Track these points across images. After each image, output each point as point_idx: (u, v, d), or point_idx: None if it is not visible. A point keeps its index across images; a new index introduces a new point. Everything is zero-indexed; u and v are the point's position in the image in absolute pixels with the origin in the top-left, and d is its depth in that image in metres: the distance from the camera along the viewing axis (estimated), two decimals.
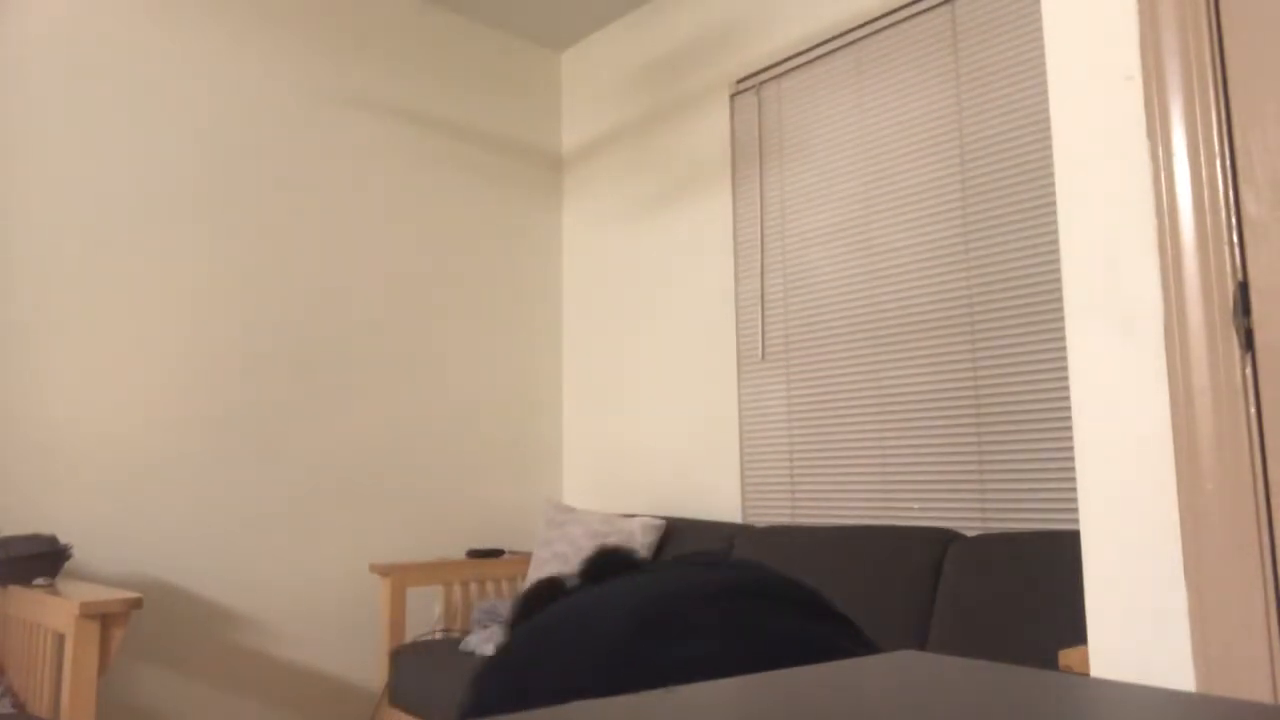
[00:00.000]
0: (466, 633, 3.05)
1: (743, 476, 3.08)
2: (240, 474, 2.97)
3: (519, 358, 3.75)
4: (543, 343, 3.83)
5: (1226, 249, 1.19)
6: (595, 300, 3.78)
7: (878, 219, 2.78)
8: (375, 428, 3.29)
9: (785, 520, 2.92)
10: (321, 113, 3.30)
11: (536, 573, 3.09)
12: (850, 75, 2.91)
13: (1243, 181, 1.19)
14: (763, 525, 2.87)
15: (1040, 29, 2.45)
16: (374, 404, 3.30)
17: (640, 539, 2.98)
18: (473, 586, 3.22)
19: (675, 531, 3.06)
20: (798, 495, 2.90)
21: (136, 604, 2.01)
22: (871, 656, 0.50)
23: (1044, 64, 2.42)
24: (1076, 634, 1.87)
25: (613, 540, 1.75)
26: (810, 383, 2.90)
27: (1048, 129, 2.41)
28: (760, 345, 3.07)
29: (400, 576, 3.00)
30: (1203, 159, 1.22)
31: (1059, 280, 2.35)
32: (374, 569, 3.04)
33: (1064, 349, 2.32)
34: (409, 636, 3.23)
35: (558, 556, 3.07)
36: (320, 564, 3.10)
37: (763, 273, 3.09)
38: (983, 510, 2.45)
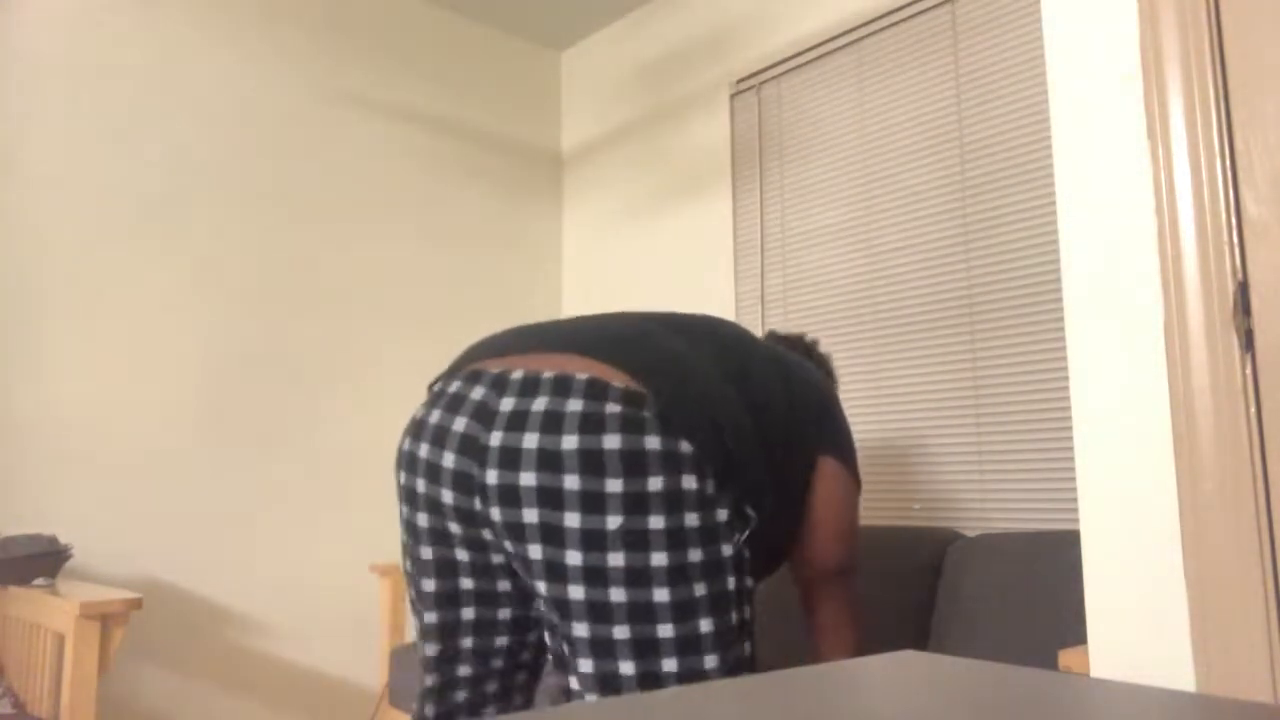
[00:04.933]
0: None
1: None
2: (240, 474, 2.97)
3: None
4: None
5: (1226, 249, 1.19)
6: (595, 300, 3.78)
7: (878, 219, 2.77)
8: (376, 427, 3.29)
9: None
10: (321, 112, 3.30)
11: None
12: (850, 75, 2.91)
13: (1243, 181, 1.19)
14: None
15: (1040, 28, 2.45)
16: (375, 403, 3.30)
17: None
18: None
19: None
20: None
21: (136, 604, 2.01)
22: (872, 657, 0.50)
23: (1044, 64, 2.42)
24: (1076, 634, 1.87)
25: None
26: None
27: (1048, 129, 2.41)
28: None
29: (400, 576, 2.99)
30: (1203, 159, 1.22)
31: (1059, 280, 2.35)
32: (374, 569, 3.04)
33: (1064, 348, 2.32)
34: (409, 636, 3.23)
35: None
36: (320, 564, 3.10)
37: (763, 273, 3.09)
38: (983, 510, 2.45)
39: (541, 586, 1.20)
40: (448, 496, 1.26)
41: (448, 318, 3.55)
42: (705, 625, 1.19)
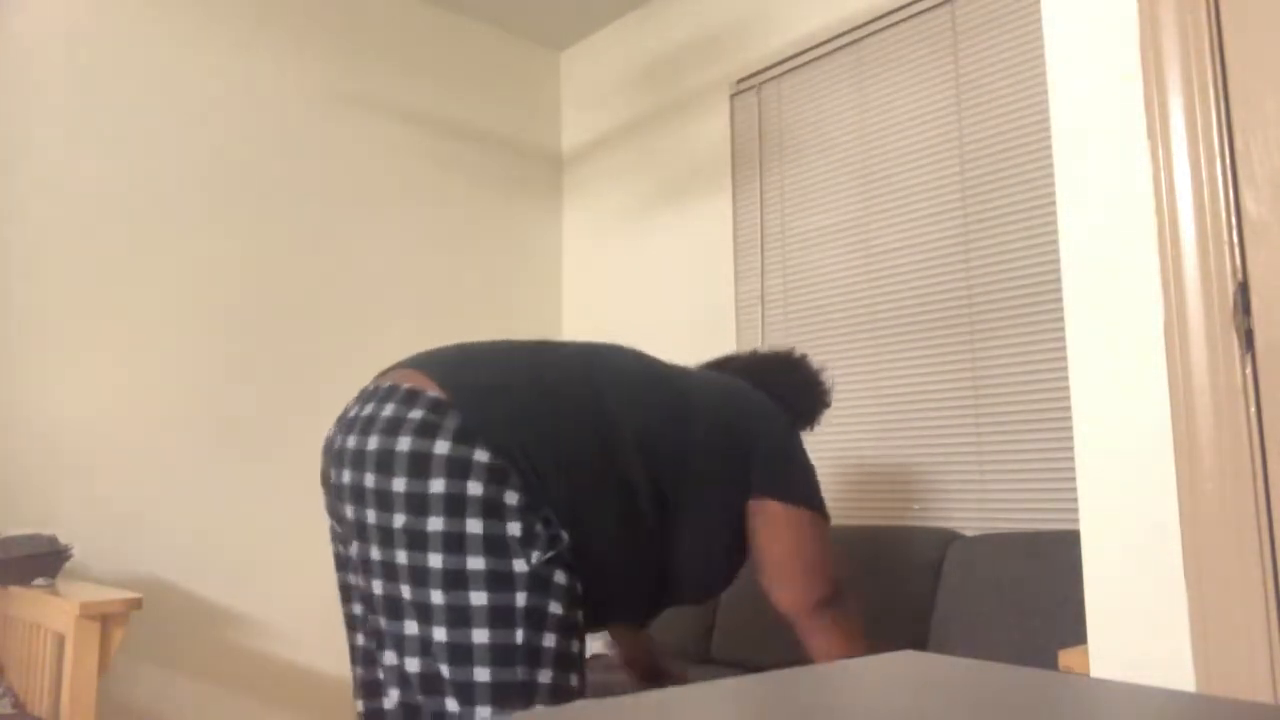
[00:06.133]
0: None
1: None
2: (240, 474, 2.97)
3: None
4: None
5: (1226, 249, 1.19)
6: (595, 300, 3.78)
7: (877, 219, 2.77)
8: None
9: None
10: (320, 113, 3.30)
11: None
12: (850, 75, 2.91)
13: (1243, 181, 1.19)
14: None
15: (1040, 29, 2.45)
16: None
17: None
18: None
19: None
20: None
21: (136, 604, 2.01)
22: (872, 657, 0.50)
23: (1044, 64, 2.42)
24: (1076, 634, 1.87)
25: None
26: None
27: (1048, 129, 2.41)
28: (760, 346, 3.06)
29: None
30: (1203, 159, 1.22)
31: (1059, 280, 2.35)
32: None
33: (1064, 349, 2.32)
34: None
35: None
36: (320, 564, 3.10)
37: (763, 273, 3.09)
38: (983, 510, 2.45)
39: (361, 580, 1.26)
40: (325, 501, 1.40)
41: (447, 318, 3.55)
42: (479, 636, 1.18)
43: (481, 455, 1.23)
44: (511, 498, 1.23)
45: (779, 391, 1.71)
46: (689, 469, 1.39)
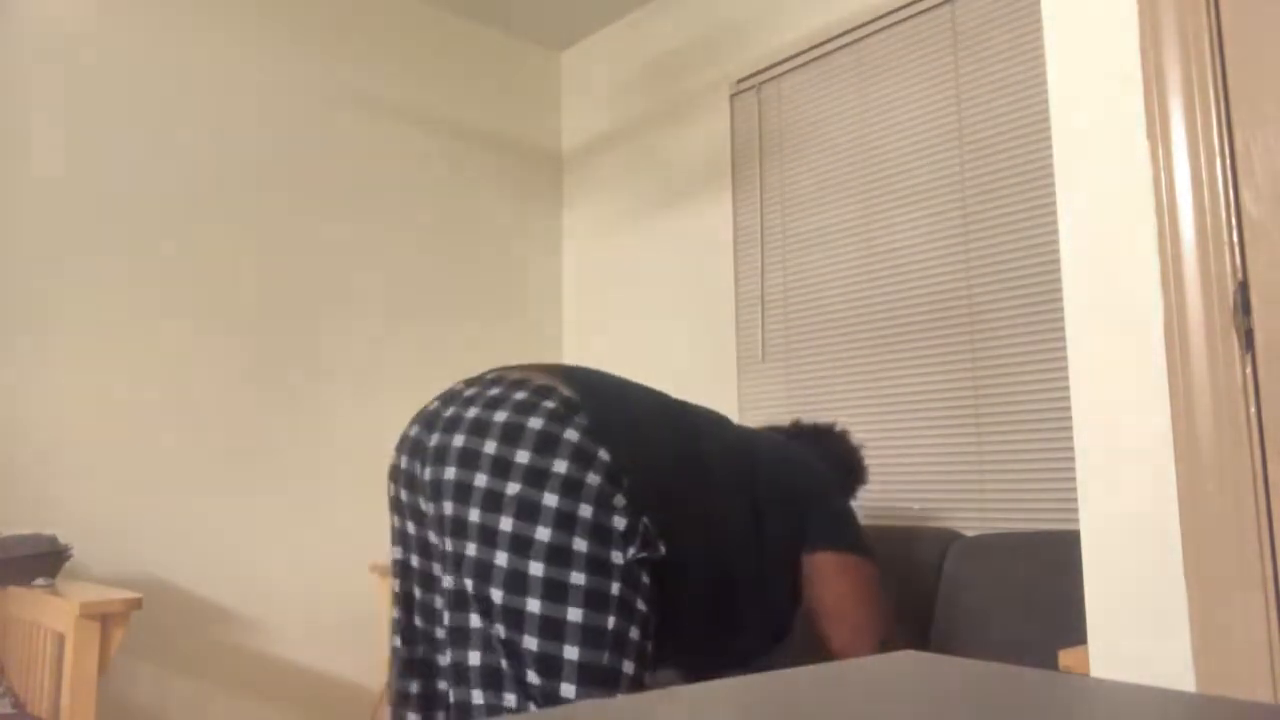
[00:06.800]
0: None
1: None
2: (240, 474, 2.97)
3: (518, 357, 3.75)
4: (543, 342, 3.83)
5: (1226, 249, 1.19)
6: (595, 300, 3.78)
7: (878, 219, 2.77)
8: (376, 427, 3.29)
9: None
10: (320, 113, 3.30)
11: None
12: (851, 75, 2.91)
13: (1243, 181, 1.19)
14: None
15: (1040, 29, 2.45)
16: (374, 403, 3.30)
17: None
18: None
19: None
20: None
21: (136, 604, 2.01)
22: (872, 657, 0.50)
23: (1044, 64, 2.42)
24: (1076, 634, 1.87)
25: None
26: (810, 383, 2.90)
27: (1048, 129, 2.41)
28: (760, 346, 3.06)
29: None
30: (1203, 159, 1.22)
31: (1059, 280, 2.35)
32: (374, 569, 3.04)
33: (1064, 349, 2.32)
34: None
35: None
36: (320, 564, 3.10)
37: (763, 273, 3.09)
38: (983, 510, 2.45)
39: (449, 544, 1.28)
40: (398, 496, 1.44)
41: (447, 318, 3.55)
42: (574, 614, 1.21)
43: (604, 454, 1.30)
44: (620, 500, 1.29)
45: (825, 458, 1.82)
46: (755, 520, 1.48)
